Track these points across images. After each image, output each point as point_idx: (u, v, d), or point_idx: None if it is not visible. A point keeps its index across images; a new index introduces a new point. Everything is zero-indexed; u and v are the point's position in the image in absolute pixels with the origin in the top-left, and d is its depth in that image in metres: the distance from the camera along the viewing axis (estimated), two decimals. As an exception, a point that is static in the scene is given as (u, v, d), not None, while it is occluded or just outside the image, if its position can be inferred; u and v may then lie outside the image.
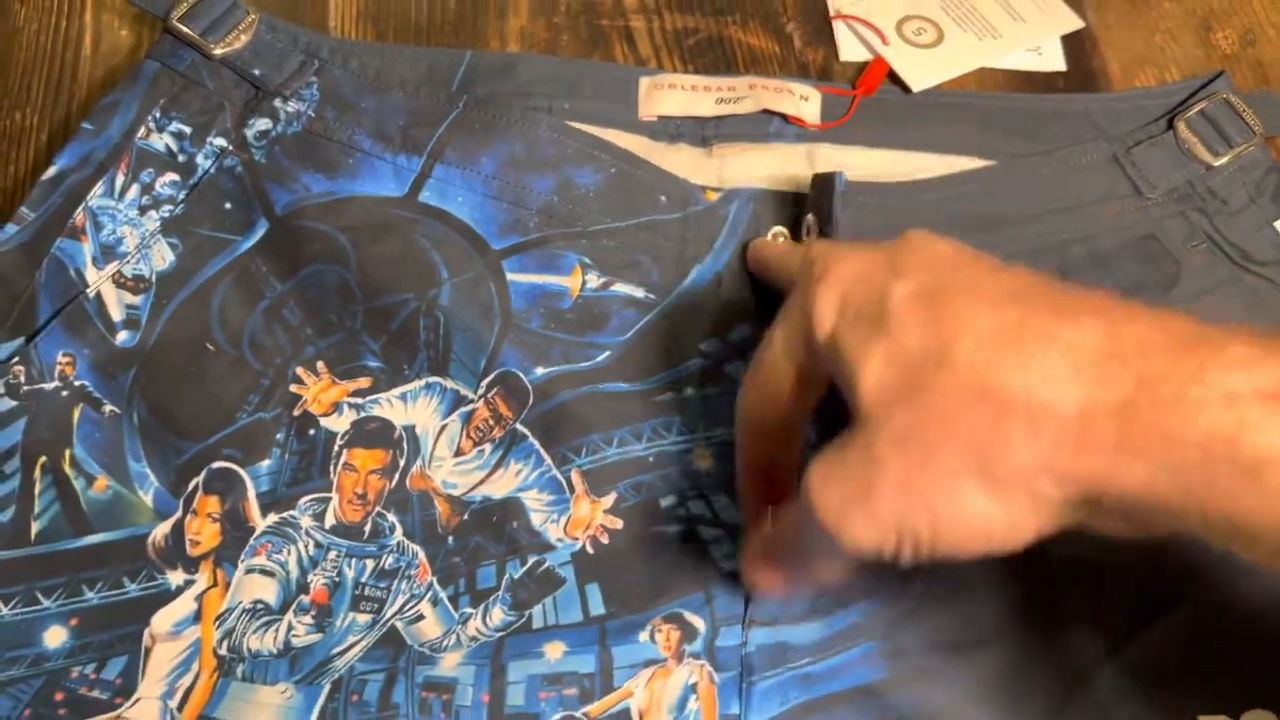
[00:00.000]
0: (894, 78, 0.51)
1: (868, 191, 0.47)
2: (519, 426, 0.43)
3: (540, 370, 0.44)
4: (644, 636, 0.40)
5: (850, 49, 0.53)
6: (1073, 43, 0.54)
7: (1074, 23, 0.55)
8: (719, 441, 0.43)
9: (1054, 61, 0.53)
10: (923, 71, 0.51)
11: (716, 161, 0.49)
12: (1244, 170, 0.48)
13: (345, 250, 0.45)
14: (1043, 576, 0.41)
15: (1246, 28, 0.55)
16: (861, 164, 0.49)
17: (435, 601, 0.41)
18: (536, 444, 0.43)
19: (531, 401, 0.43)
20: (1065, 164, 0.49)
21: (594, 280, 0.46)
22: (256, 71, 0.47)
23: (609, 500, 0.42)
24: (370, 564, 0.42)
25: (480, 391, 0.44)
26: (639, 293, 0.46)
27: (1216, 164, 0.48)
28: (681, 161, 0.49)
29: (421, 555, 0.42)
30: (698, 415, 0.44)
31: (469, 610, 0.41)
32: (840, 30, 0.53)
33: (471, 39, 0.52)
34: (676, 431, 0.44)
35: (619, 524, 0.42)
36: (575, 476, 0.42)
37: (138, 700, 0.39)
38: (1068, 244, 0.47)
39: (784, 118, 0.50)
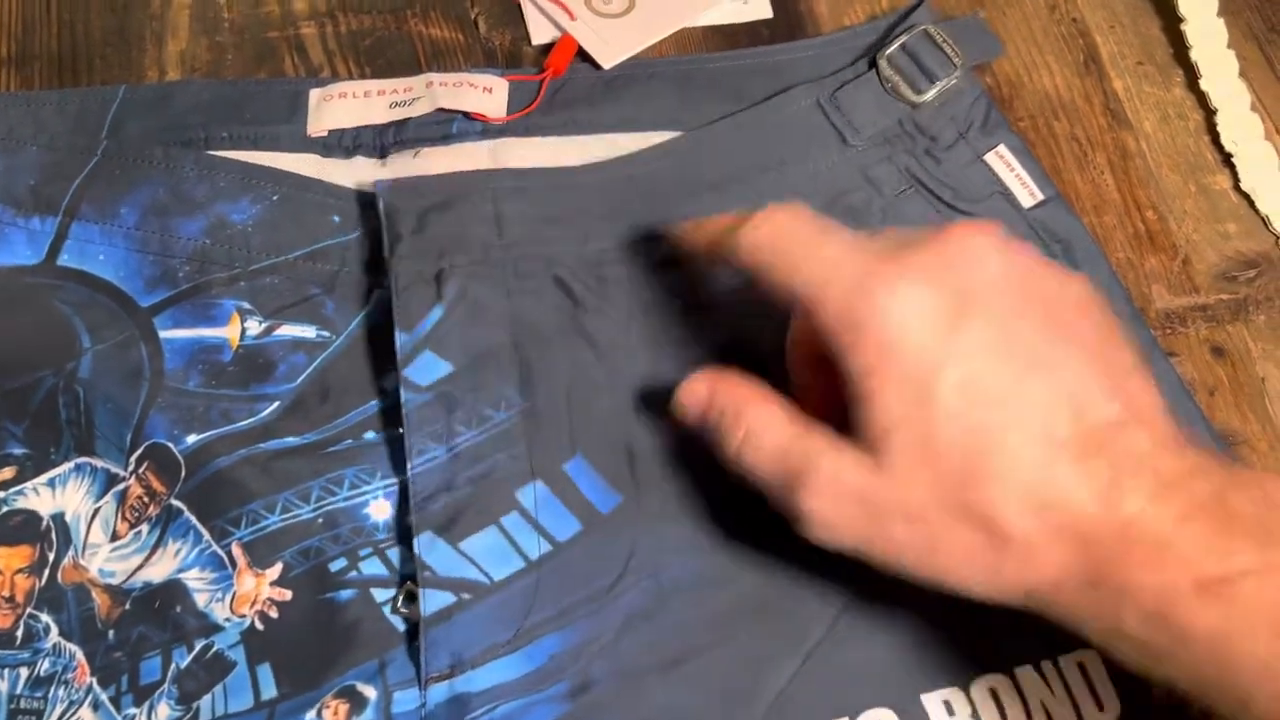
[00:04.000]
0: (587, 55, 0.47)
1: (523, 177, 0.43)
2: (174, 502, 0.40)
3: (192, 438, 0.40)
4: (311, 716, 0.37)
5: (541, 30, 0.48)
6: (777, -14, 0.49)
7: (777, -37, 0.50)
8: (402, 487, 0.40)
9: (759, 9, 0.49)
10: (613, 46, 0.46)
11: (391, 171, 0.45)
12: (950, 104, 0.45)
13: (-28, 333, 0.41)
14: (737, 596, 0.38)
15: (957, -52, 0.50)
16: (551, 155, 0.45)
17: (96, 705, 0.38)
18: (193, 519, 0.39)
19: (184, 473, 0.40)
20: (764, 119, 0.45)
21: (255, 326, 0.42)
22: None
23: (275, 571, 0.39)
24: (25, 672, 0.38)
25: (130, 467, 0.40)
26: (309, 332, 0.42)
27: (920, 101, 0.45)
28: (357, 175, 0.45)
29: (80, 655, 0.38)
30: (377, 462, 0.40)
31: (132, 710, 0.38)
32: (529, 10, 0.49)
33: (126, 72, 0.47)
34: (349, 486, 0.40)
35: (288, 595, 0.39)
36: (236, 550, 0.39)
37: None
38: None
39: (466, 115, 0.46)
